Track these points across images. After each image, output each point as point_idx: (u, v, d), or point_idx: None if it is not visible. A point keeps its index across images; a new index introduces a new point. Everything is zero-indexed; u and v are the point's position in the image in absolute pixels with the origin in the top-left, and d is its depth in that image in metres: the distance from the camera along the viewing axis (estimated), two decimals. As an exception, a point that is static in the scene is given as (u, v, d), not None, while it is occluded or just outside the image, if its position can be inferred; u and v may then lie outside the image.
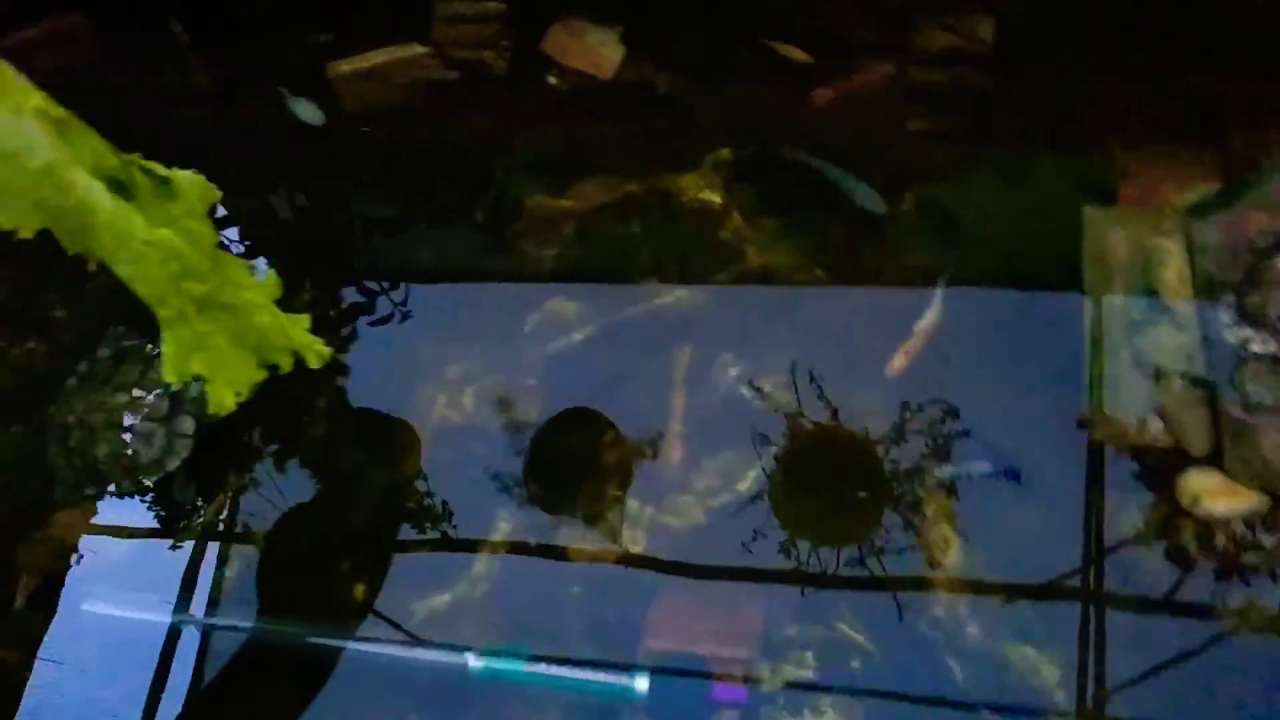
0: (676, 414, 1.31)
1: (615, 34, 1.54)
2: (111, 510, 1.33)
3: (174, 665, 1.21)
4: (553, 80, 1.54)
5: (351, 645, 1.19)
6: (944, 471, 1.20)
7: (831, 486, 1.24)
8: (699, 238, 1.41)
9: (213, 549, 1.30)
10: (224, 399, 1.17)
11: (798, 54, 1.46)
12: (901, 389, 1.26)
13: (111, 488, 1.32)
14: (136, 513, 1.33)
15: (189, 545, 1.30)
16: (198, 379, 1.26)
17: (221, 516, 1.32)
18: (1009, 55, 1.40)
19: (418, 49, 1.53)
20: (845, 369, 1.30)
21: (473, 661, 1.15)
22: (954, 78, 1.42)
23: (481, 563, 1.25)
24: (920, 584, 1.14)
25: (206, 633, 1.23)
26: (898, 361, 1.28)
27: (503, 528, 1.27)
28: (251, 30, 1.61)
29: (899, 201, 1.39)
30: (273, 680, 1.22)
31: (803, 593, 1.17)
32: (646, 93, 1.52)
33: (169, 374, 1.11)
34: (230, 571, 1.29)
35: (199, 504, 1.33)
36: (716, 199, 1.43)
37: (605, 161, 1.48)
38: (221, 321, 1.08)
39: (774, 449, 1.27)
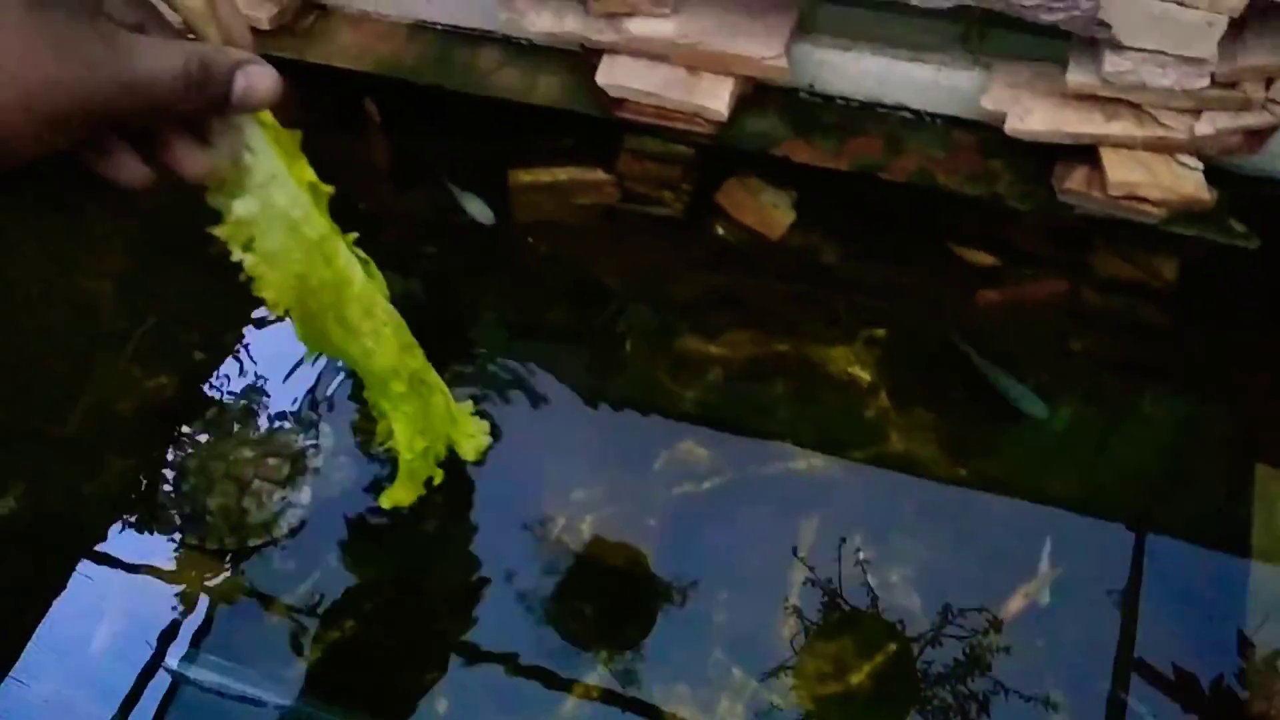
0: (794, 587, 1.27)
1: (789, 198, 1.56)
2: (207, 565, 1.30)
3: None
4: (721, 230, 1.56)
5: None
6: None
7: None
8: (842, 411, 1.40)
9: (300, 625, 1.26)
10: (406, 495, 1.13)
11: (983, 258, 1.46)
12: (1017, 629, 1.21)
13: (214, 543, 1.30)
14: (231, 573, 1.30)
15: (275, 618, 1.27)
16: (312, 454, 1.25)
17: (315, 600, 1.28)
18: (1189, 299, 1.39)
19: (600, 174, 1.56)
20: (971, 585, 1.25)
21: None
22: (1127, 308, 1.42)
23: (569, 704, 1.20)
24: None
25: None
26: (1014, 604, 1.23)
27: (599, 670, 1.22)
28: (442, 123, 1.66)
29: (1054, 416, 1.37)
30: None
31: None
32: (811, 260, 1.53)
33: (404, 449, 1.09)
34: (312, 654, 1.24)
35: (295, 577, 1.30)
36: (865, 376, 1.42)
37: (759, 318, 1.49)
38: (425, 400, 1.07)
39: (893, 647, 1.22)
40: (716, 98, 1.47)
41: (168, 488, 1.35)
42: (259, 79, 0.61)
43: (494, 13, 1.60)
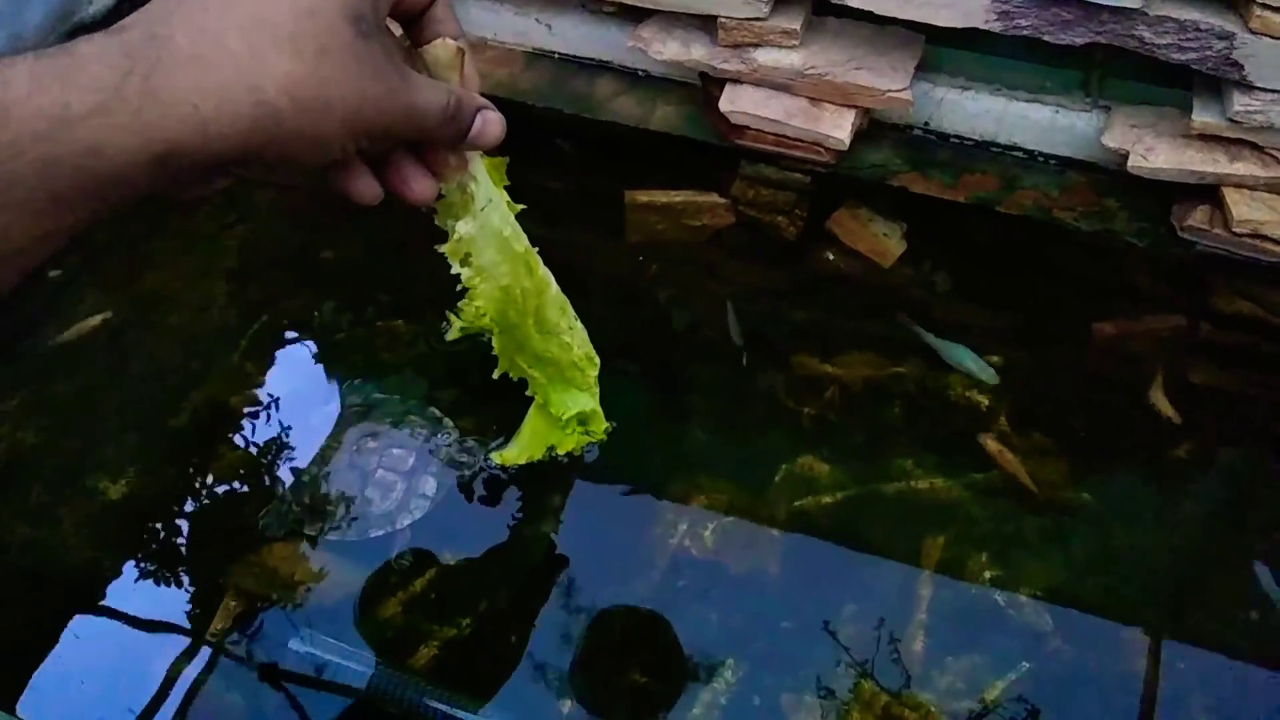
0: (922, 603, 1.25)
1: (899, 229, 1.59)
2: (326, 554, 1.28)
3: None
4: (831, 257, 1.59)
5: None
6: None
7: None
8: (962, 434, 1.39)
9: (417, 621, 1.23)
10: (520, 454, 1.15)
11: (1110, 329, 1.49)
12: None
13: (334, 534, 1.28)
14: (350, 562, 1.28)
15: (392, 612, 1.24)
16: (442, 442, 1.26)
17: (432, 596, 1.26)
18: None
19: (716, 198, 1.59)
20: (1099, 605, 1.24)
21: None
22: (1248, 343, 1.43)
23: (697, 711, 1.17)
24: None
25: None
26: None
27: (726, 676, 1.19)
28: (553, 146, 1.70)
29: (1176, 448, 1.37)
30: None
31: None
32: (923, 288, 1.55)
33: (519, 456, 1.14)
34: (428, 650, 1.22)
35: (415, 569, 1.28)
36: (984, 401, 1.42)
37: (872, 342, 1.50)
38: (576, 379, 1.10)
39: (1026, 666, 1.19)
40: (839, 128, 1.50)
41: (286, 479, 1.33)
42: (493, 123, 0.73)
43: (614, 42, 1.65)
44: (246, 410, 1.44)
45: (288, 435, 1.40)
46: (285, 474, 1.36)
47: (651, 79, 1.68)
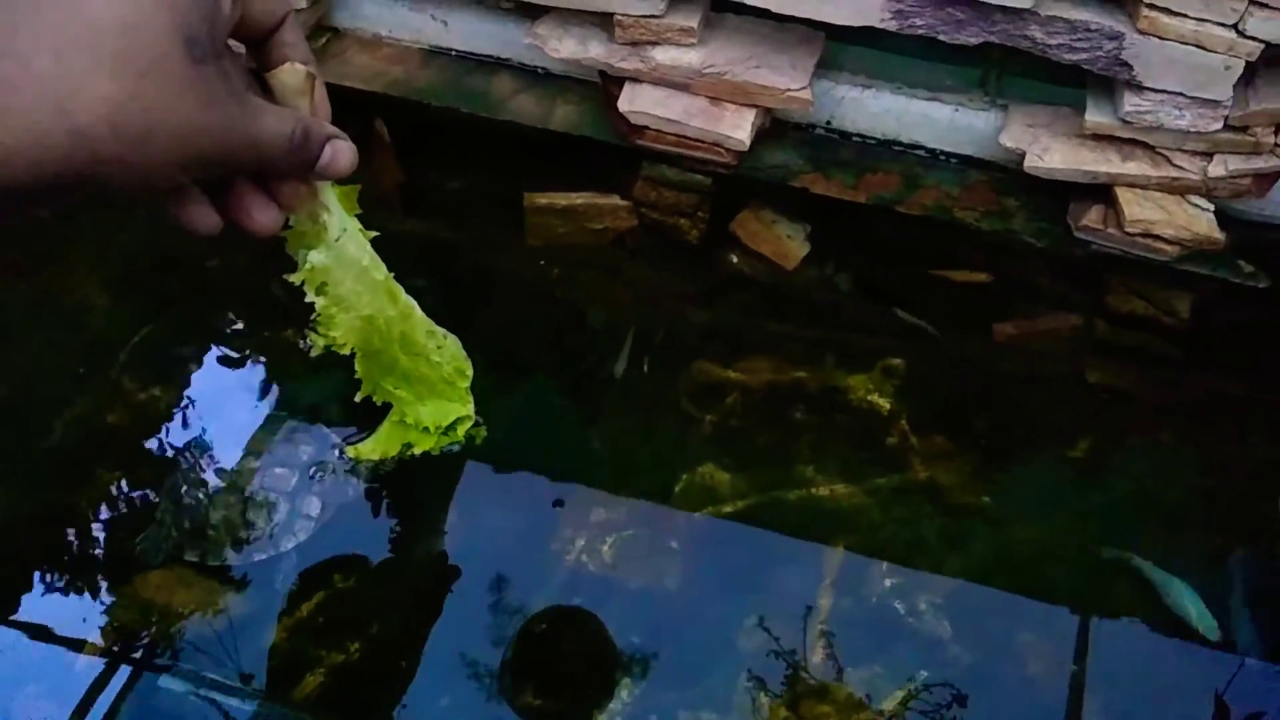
0: (823, 613, 1.23)
1: (803, 230, 1.57)
2: (207, 581, 1.22)
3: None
4: (735, 259, 1.56)
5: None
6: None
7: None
8: (863, 438, 1.38)
9: (304, 647, 1.18)
10: (376, 449, 1.11)
11: (978, 276, 1.48)
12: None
13: (215, 559, 1.22)
14: (233, 589, 1.22)
15: (278, 638, 1.19)
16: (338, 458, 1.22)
17: (320, 620, 1.21)
18: (1202, 335, 1.43)
19: (617, 200, 1.56)
20: (1000, 610, 1.24)
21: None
22: (1142, 343, 1.44)
23: (593, 728, 1.14)
24: None
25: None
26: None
27: (622, 695, 1.17)
28: (455, 148, 1.65)
29: (1073, 448, 1.37)
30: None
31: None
32: (827, 290, 1.54)
33: (373, 451, 1.09)
34: (314, 678, 1.17)
35: (301, 594, 1.22)
36: (885, 404, 1.41)
37: (776, 346, 1.48)
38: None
39: (924, 675, 1.19)
40: (739, 128, 1.48)
41: (166, 502, 1.27)
42: (343, 152, 0.68)
43: (511, 39, 1.60)
44: (124, 429, 1.37)
45: (168, 455, 1.34)
46: (164, 496, 1.30)
47: (552, 77, 1.63)
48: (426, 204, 1.66)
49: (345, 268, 0.82)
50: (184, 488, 1.27)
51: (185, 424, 1.36)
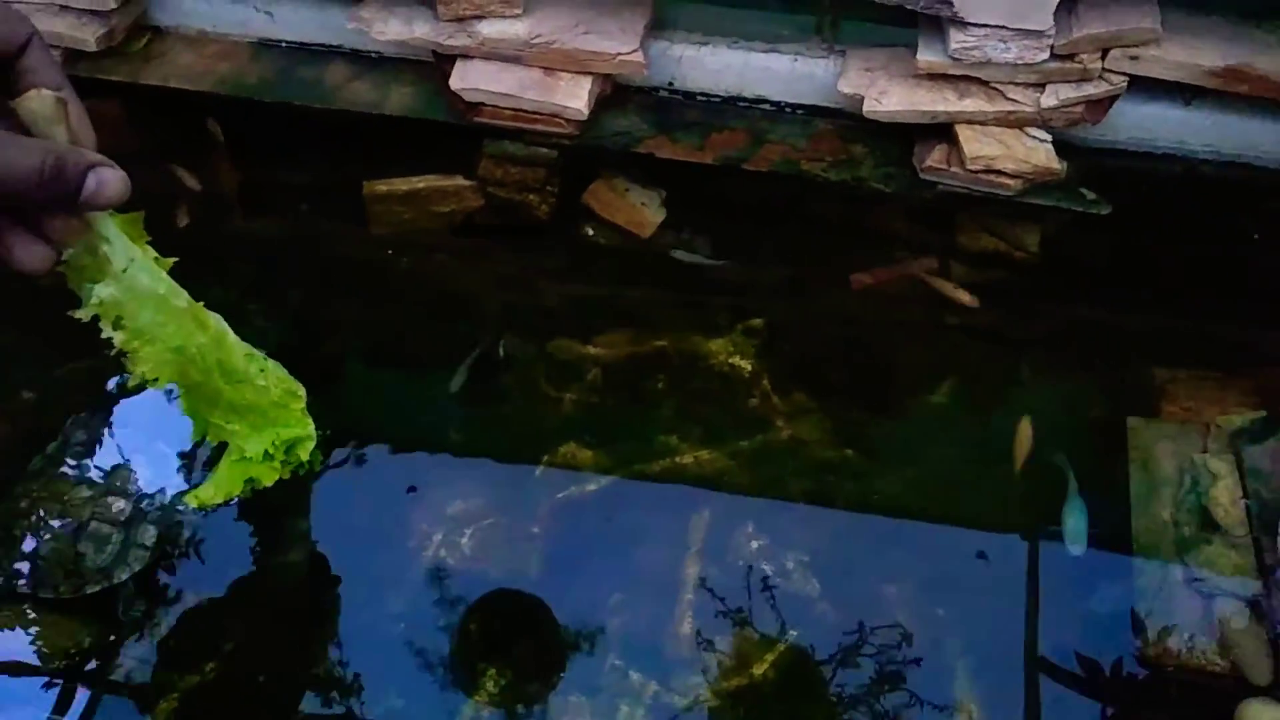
0: (690, 582, 1.21)
1: (658, 196, 1.54)
2: (46, 616, 1.17)
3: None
4: (590, 232, 1.53)
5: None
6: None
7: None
8: (725, 402, 1.36)
9: (153, 673, 1.14)
10: (216, 493, 1.06)
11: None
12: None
13: (46, 592, 1.16)
14: (77, 621, 1.17)
15: (123, 668, 1.14)
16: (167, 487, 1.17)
17: (169, 644, 1.16)
18: (1052, 267, 1.43)
19: (461, 181, 1.51)
20: (867, 566, 1.23)
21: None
22: (995, 280, 1.44)
23: (458, 723, 1.11)
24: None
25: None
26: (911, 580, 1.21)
27: (488, 687, 1.14)
28: (292, 142, 1.59)
29: (934, 392, 1.37)
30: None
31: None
32: (684, 254, 1.51)
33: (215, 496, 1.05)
34: (167, 704, 1.12)
35: (146, 621, 1.17)
36: (746, 365, 1.39)
37: (635, 316, 1.45)
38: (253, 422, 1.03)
39: (794, 634, 1.17)
40: (575, 97, 1.44)
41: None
42: (109, 180, 0.64)
43: (340, 26, 1.54)
44: (-48, 467, 1.30)
45: (1, 488, 1.27)
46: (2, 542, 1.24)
47: (385, 61, 1.58)
48: (267, 202, 1.60)
49: (140, 299, 0.78)
50: (15, 519, 1.21)
51: (11, 455, 1.29)
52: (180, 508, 1.22)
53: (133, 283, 0.77)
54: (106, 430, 1.30)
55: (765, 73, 1.49)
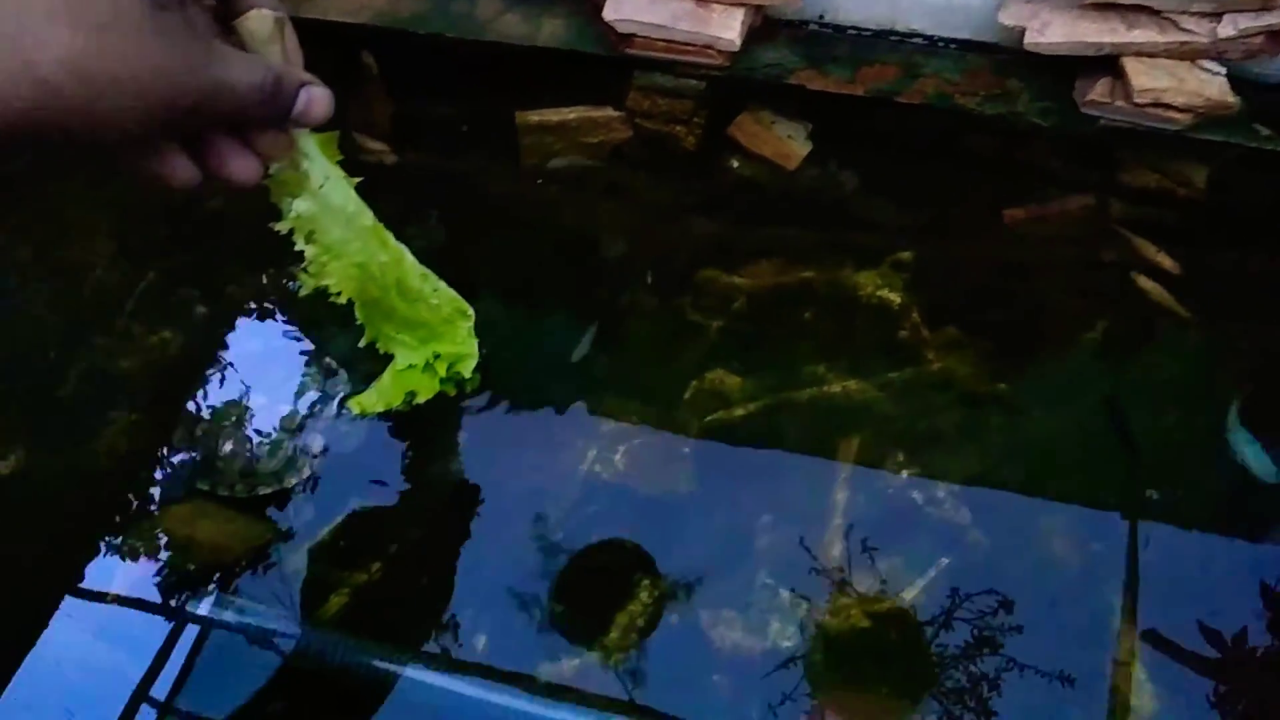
0: (839, 507, 1.22)
1: (804, 129, 1.53)
2: (226, 513, 1.24)
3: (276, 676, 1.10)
4: (735, 164, 1.53)
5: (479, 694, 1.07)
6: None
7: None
8: (874, 334, 1.36)
9: (324, 570, 1.20)
10: (378, 402, 1.12)
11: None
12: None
13: (224, 490, 1.23)
14: (253, 518, 1.23)
15: (300, 562, 1.20)
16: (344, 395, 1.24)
17: (338, 544, 1.22)
18: (1218, 208, 1.38)
19: (610, 111, 1.53)
20: (1018, 497, 1.22)
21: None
22: (1158, 218, 1.40)
23: (614, 635, 1.15)
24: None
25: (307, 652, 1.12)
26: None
27: (642, 597, 1.17)
28: (445, 75, 1.62)
29: (1090, 330, 1.34)
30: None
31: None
32: (830, 188, 1.50)
33: (377, 403, 1.10)
34: (338, 599, 1.18)
35: (317, 523, 1.23)
36: (895, 298, 1.38)
37: (780, 247, 1.45)
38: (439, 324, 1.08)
39: (945, 562, 1.18)
40: (728, 29, 1.44)
41: (181, 431, 1.28)
42: (318, 98, 0.68)
43: (494, -43, 1.57)
44: (136, 373, 1.38)
45: (180, 395, 1.35)
46: (178, 431, 1.31)
47: (536, -7, 1.60)
48: (420, 133, 1.64)
49: (332, 215, 0.83)
50: (195, 424, 1.28)
51: (194, 365, 1.37)
52: (345, 413, 1.28)
53: (327, 199, 0.82)
54: (279, 342, 1.36)
55: (919, 5, 1.47)
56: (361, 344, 1.10)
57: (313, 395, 1.31)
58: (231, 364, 1.36)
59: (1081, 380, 1.31)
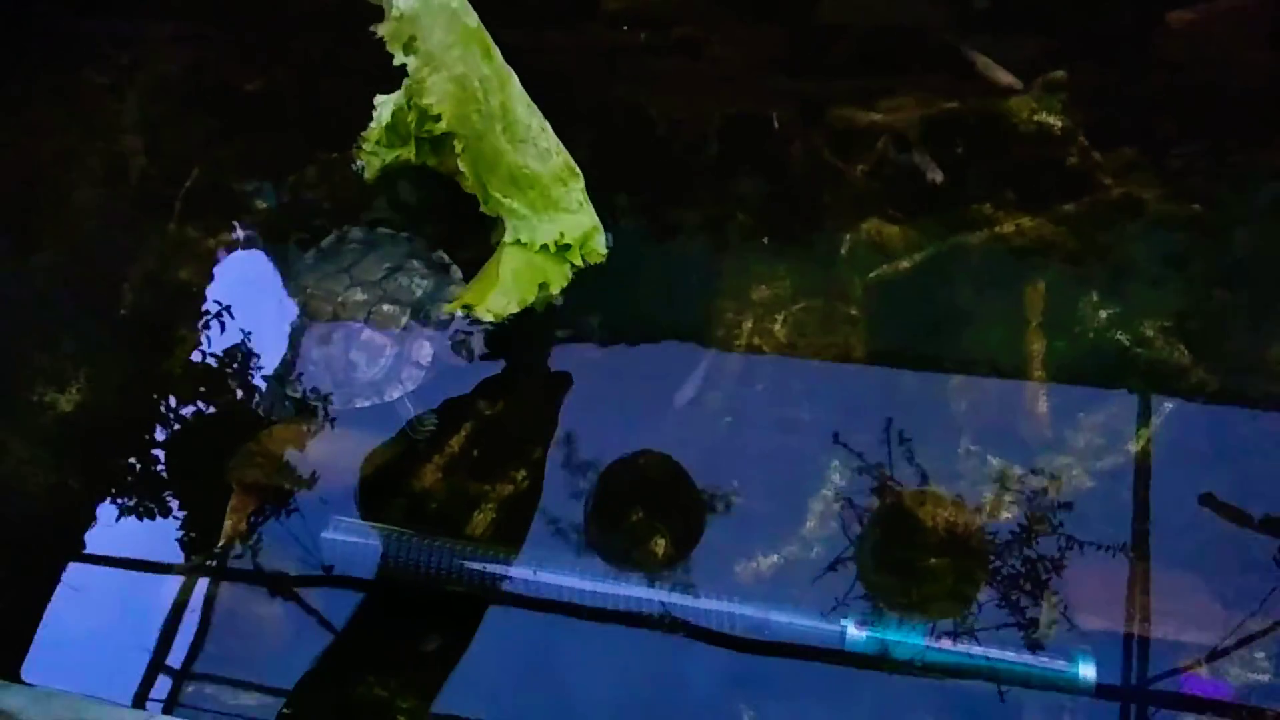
0: (1036, 360, 1.08)
1: (922, -59, 1.34)
2: (334, 429, 1.07)
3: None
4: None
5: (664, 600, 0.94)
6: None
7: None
8: (1039, 163, 1.20)
9: (462, 481, 1.04)
10: (507, 302, 0.96)
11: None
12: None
13: (316, 400, 1.06)
14: (366, 433, 1.07)
15: (431, 476, 1.05)
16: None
17: (475, 456, 1.06)
18: None
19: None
20: (1237, 326, 1.08)
21: (853, 631, 0.90)
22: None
23: (810, 524, 1.01)
24: None
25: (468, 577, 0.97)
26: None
27: (834, 479, 1.03)
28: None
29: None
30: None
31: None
32: (961, 6, 1.32)
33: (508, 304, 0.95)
34: (483, 515, 1.03)
35: (435, 433, 1.07)
36: (1055, 122, 1.22)
37: (915, 77, 1.28)
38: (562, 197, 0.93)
39: (1168, 408, 1.04)
40: None
41: (264, 351, 1.11)
42: None
43: None
44: (198, 283, 1.19)
45: (254, 301, 1.17)
46: (263, 347, 1.13)
47: None
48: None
49: (433, 14, 0.77)
50: (287, 331, 1.10)
51: (269, 265, 1.19)
52: (462, 318, 1.10)
53: None
54: (382, 233, 1.17)
55: None
56: (484, 209, 0.93)
57: (423, 294, 1.11)
58: (334, 248, 1.15)
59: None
